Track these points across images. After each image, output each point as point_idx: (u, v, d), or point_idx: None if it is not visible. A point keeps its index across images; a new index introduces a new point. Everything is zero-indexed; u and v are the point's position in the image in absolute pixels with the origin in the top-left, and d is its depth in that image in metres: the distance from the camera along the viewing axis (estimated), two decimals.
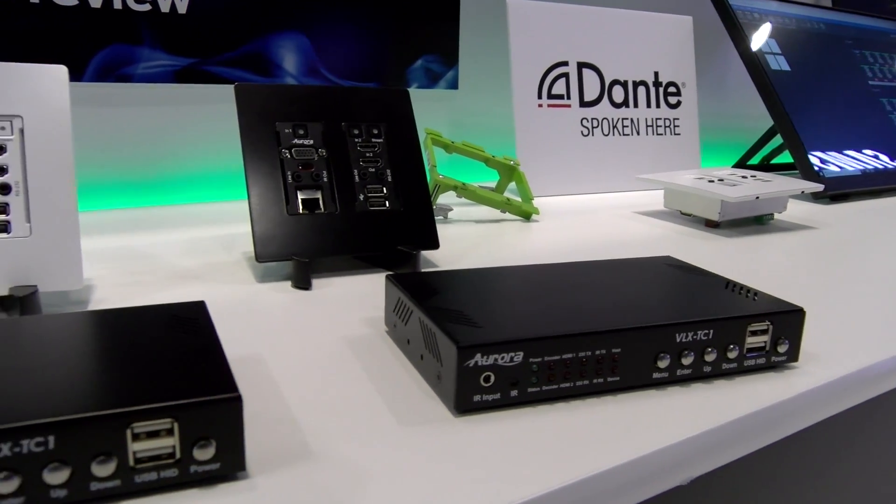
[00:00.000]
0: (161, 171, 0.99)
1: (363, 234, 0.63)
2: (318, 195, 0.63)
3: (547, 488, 0.32)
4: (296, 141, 0.64)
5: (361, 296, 0.58)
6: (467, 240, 0.78)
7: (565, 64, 1.11)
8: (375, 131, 0.67)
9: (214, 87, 1.00)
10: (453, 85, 1.22)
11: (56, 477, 0.28)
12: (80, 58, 0.91)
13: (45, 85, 0.53)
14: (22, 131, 0.52)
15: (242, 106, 0.63)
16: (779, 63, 1.22)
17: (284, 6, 1.03)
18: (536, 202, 0.95)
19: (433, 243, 0.66)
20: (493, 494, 0.31)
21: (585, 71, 1.13)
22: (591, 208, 1.00)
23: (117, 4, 0.92)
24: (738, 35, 1.22)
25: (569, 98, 1.11)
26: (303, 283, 0.59)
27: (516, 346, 0.38)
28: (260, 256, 0.59)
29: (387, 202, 0.65)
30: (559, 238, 0.81)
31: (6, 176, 0.51)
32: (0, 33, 0.85)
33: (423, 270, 0.59)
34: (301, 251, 0.60)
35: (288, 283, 0.60)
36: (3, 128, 0.52)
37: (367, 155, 0.66)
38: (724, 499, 0.52)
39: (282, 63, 1.05)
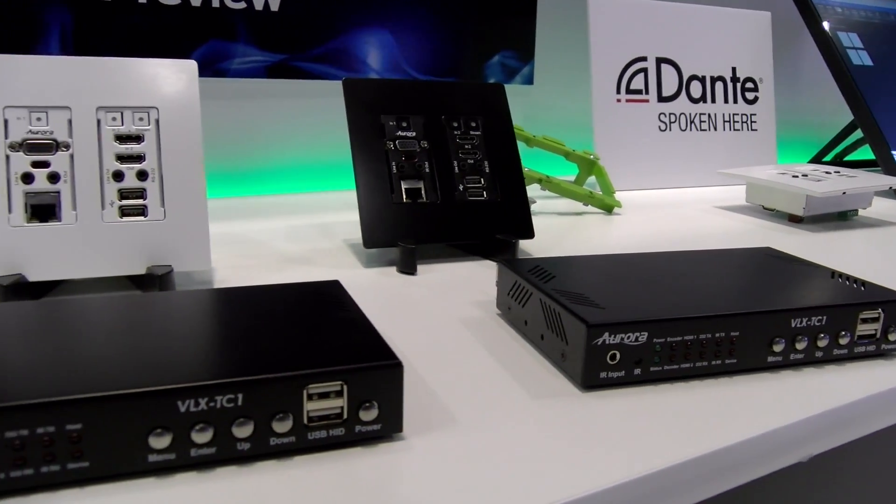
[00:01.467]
0: (253, 162, 1.03)
1: (462, 222, 0.66)
2: (420, 185, 0.66)
3: (674, 461, 0.34)
4: (399, 133, 0.67)
5: (464, 281, 0.60)
6: (553, 231, 0.80)
7: (644, 59, 1.12)
8: (473, 124, 0.70)
9: (303, 82, 1.04)
10: (529, 80, 1.24)
11: (243, 431, 0.31)
12: (181, 53, 0.95)
13: (177, 79, 0.57)
14: (157, 122, 0.56)
15: (350, 99, 0.66)
16: (861, 58, 1.21)
17: (370, 3, 1.06)
18: (616, 196, 0.97)
19: (529, 233, 0.68)
20: (626, 464, 0.33)
21: (664, 66, 1.14)
22: (671, 202, 1.01)
23: (215, 3, 0.96)
24: (818, 30, 1.21)
25: (647, 93, 1.12)
26: (409, 269, 0.62)
27: (641, 327, 0.40)
28: (367, 242, 0.62)
29: (485, 193, 0.68)
30: (644, 231, 0.82)
31: (143, 163, 0.55)
32: (112, 30, 0.90)
33: (522, 258, 0.61)
34: (406, 238, 0.63)
35: (392, 269, 0.63)
36: (141, 118, 0.55)
37: (466, 147, 0.69)
38: (840, 478, 0.53)
39: (366, 58, 1.08)
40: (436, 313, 0.52)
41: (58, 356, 0.33)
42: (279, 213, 0.85)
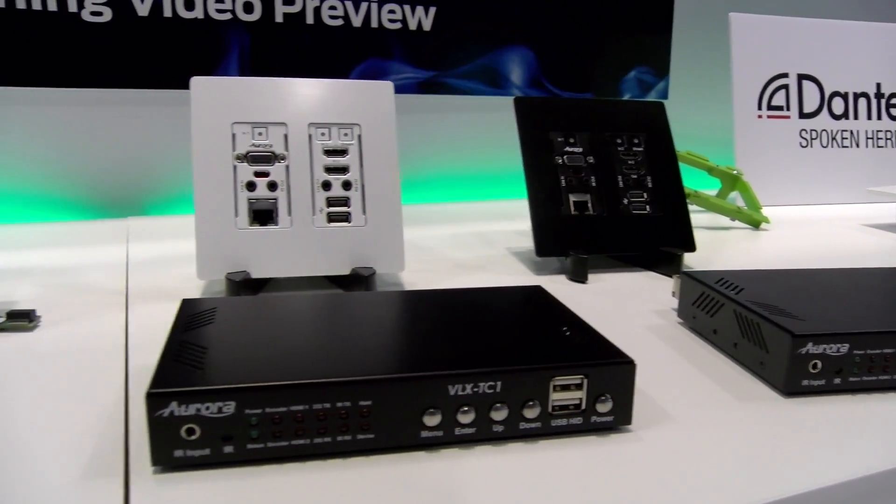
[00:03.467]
0: (405, 172, 1.09)
1: (627, 235, 0.69)
2: (587, 198, 0.69)
3: (887, 465, 0.36)
4: (567, 148, 0.70)
5: (634, 290, 0.63)
6: (706, 245, 0.82)
7: (785, 76, 1.12)
8: (636, 141, 0.73)
9: (450, 98, 1.09)
10: (664, 95, 1.25)
11: (499, 414, 0.35)
12: (343, 71, 1.02)
13: (376, 97, 0.63)
14: (360, 137, 0.61)
15: (521, 117, 0.71)
16: None
17: (515, 22, 1.11)
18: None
19: (691, 246, 0.70)
20: (843, 464, 0.35)
21: (805, 83, 1.13)
22: (816, 219, 1.00)
23: (374, 23, 1.02)
24: None
25: (788, 109, 1.11)
26: (580, 277, 0.65)
27: (843, 339, 0.42)
28: (540, 251, 0.66)
29: (647, 207, 0.70)
30: (796, 246, 0.82)
31: (348, 174, 0.61)
32: (284, 49, 0.98)
33: (703, 271, 0.63)
34: (576, 248, 0.66)
35: (561, 277, 0.67)
36: (345, 134, 0.61)
37: (629, 163, 0.72)
38: None
39: (509, 75, 1.13)
40: (620, 320, 0.55)
41: (332, 343, 0.38)
42: (438, 221, 0.91)
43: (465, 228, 0.86)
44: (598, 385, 0.36)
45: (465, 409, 0.35)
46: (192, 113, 0.58)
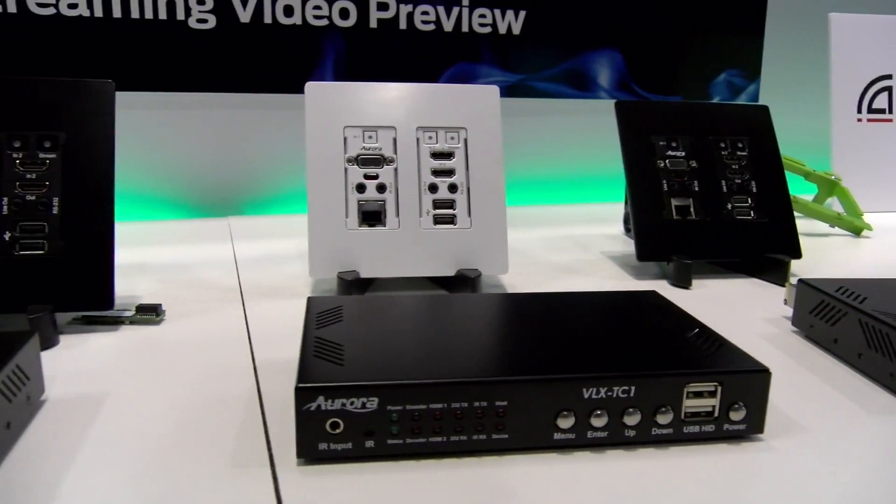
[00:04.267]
0: None
1: (731, 240, 0.68)
2: (690, 202, 0.68)
3: None
4: (669, 153, 0.70)
5: (741, 297, 0.62)
6: (809, 253, 0.80)
7: (888, 77, 1.08)
8: (740, 145, 0.71)
9: (537, 101, 1.09)
10: (754, 98, 1.22)
11: (632, 419, 0.35)
12: (432, 75, 1.03)
13: (482, 101, 0.63)
14: (466, 141, 0.62)
15: (622, 120, 0.70)
16: None
17: (603, 25, 1.10)
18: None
19: (797, 253, 0.68)
20: None
21: None
22: None
23: (464, 28, 1.03)
24: None
25: (891, 112, 1.08)
26: (684, 283, 0.64)
27: None
28: (641, 255, 0.66)
29: (752, 212, 0.69)
30: None
31: (454, 177, 0.62)
32: (377, 54, 1.00)
33: (821, 278, 0.62)
34: (679, 253, 0.65)
35: (663, 282, 0.66)
36: (452, 137, 0.62)
37: (733, 167, 0.70)
38: None
39: (597, 78, 1.12)
40: (731, 327, 0.54)
41: (461, 343, 0.39)
42: (529, 224, 0.91)
43: (556, 231, 0.86)
44: (732, 393, 0.36)
45: (599, 412, 0.35)
46: (307, 117, 0.60)
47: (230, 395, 0.41)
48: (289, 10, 0.95)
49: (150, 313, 0.53)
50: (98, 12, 0.88)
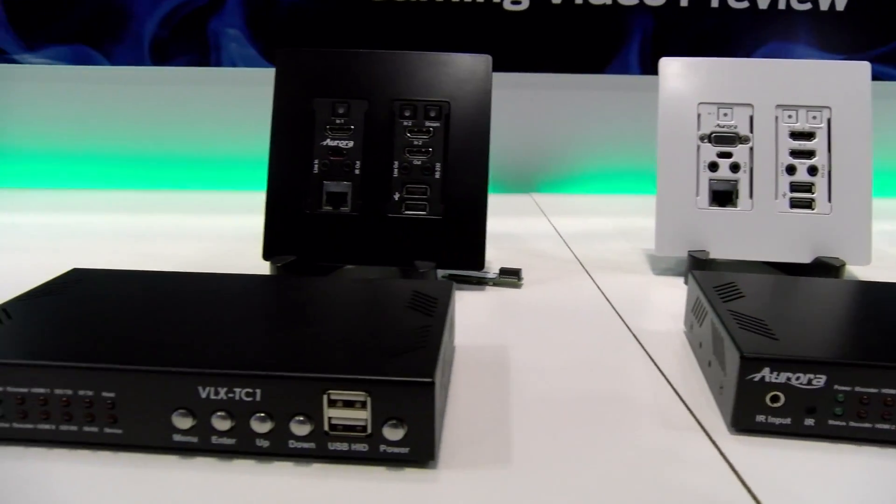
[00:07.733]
0: None
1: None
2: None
3: None
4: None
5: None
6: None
7: None
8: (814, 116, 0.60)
9: None
10: None
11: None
12: (738, 54, 0.99)
13: (850, 79, 0.59)
14: (829, 121, 0.58)
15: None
16: None
17: None
18: None
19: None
20: None
21: None
22: None
23: (781, 5, 0.97)
24: None
25: None
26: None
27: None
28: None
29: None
30: None
31: (814, 159, 0.58)
32: (686, 32, 0.97)
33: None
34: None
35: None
36: (814, 117, 0.59)
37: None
38: None
39: None
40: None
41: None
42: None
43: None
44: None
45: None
46: (661, 93, 0.59)
47: (619, 361, 0.42)
48: None
49: (512, 276, 0.56)
50: None
